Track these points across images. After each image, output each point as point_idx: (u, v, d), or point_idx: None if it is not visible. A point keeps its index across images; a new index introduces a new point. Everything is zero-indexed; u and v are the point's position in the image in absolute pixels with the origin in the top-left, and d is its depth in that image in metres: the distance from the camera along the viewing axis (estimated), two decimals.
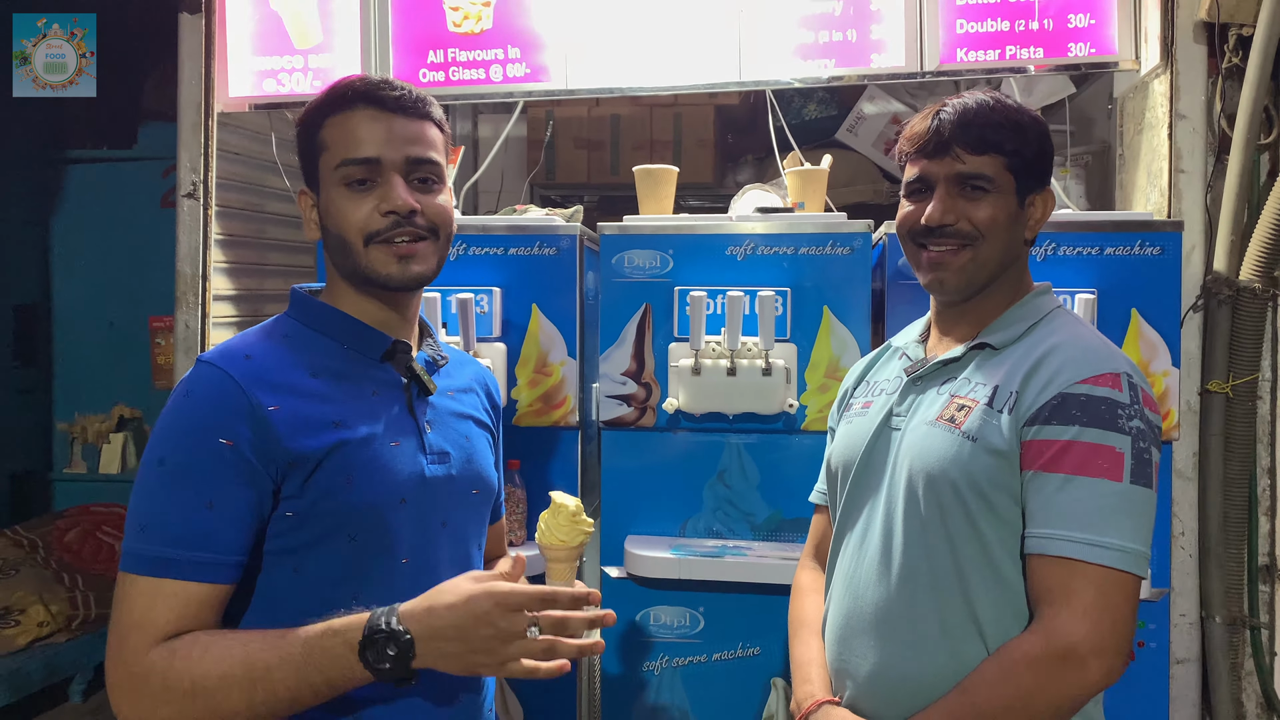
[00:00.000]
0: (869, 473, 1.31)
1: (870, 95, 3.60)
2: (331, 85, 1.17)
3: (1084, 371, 1.17)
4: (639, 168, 2.21)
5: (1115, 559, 1.10)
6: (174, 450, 1.04)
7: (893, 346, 1.45)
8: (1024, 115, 1.27)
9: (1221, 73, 2.08)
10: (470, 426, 1.27)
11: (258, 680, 1.00)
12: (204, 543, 1.03)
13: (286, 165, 2.57)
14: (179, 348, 2.44)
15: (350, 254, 1.15)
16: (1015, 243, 1.28)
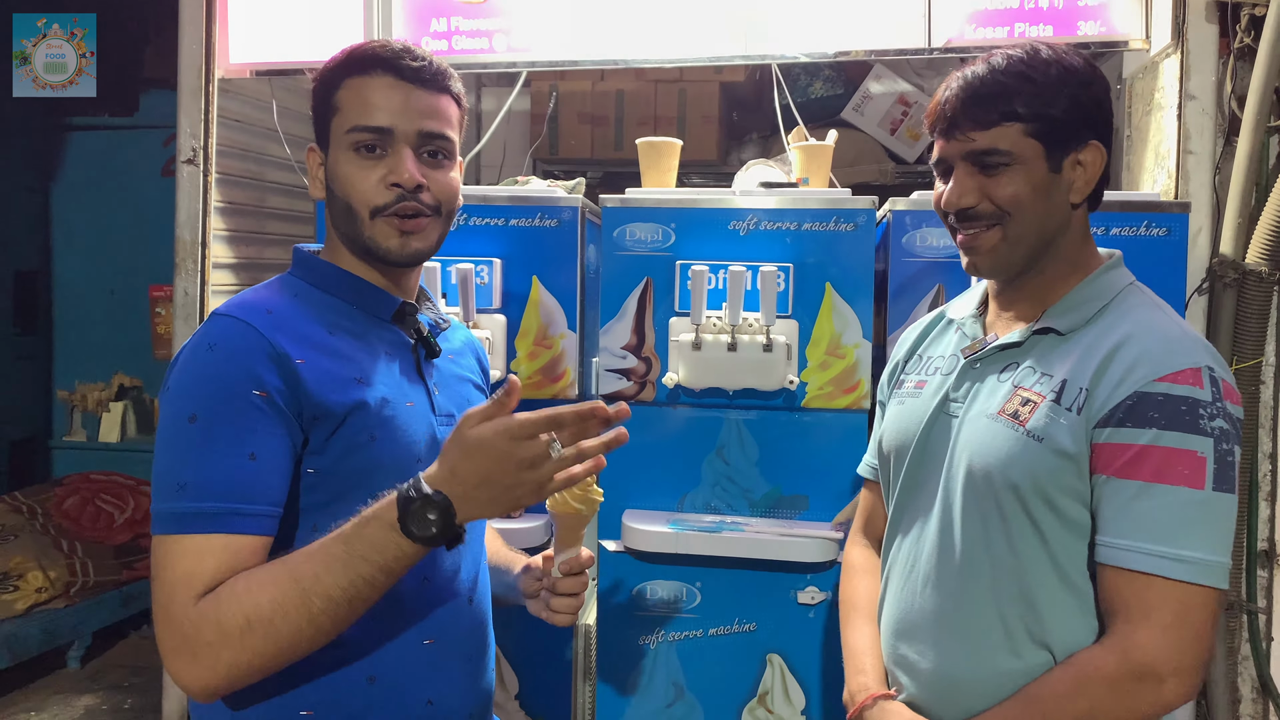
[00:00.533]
0: (925, 461, 1.25)
1: (877, 74, 3.57)
2: (353, 47, 1.15)
3: (1162, 368, 1.08)
4: (641, 140, 2.19)
5: (1196, 574, 1.04)
6: (206, 404, 1.02)
7: (946, 317, 1.36)
8: (1049, 69, 1.14)
9: (1233, 53, 2.06)
10: (470, 389, 1.30)
11: (310, 591, 0.98)
12: (251, 494, 1.01)
13: (287, 133, 2.55)
14: (178, 314, 2.43)
15: (355, 222, 1.15)
16: (1056, 211, 1.17)
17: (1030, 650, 1.14)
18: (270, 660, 0.99)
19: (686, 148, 3.66)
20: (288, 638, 0.98)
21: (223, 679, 0.99)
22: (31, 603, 3.58)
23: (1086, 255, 1.22)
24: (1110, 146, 1.20)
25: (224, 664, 0.98)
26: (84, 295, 4.64)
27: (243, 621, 0.97)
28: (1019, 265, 1.20)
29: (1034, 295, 1.22)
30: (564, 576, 1.29)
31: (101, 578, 3.83)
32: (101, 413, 4.51)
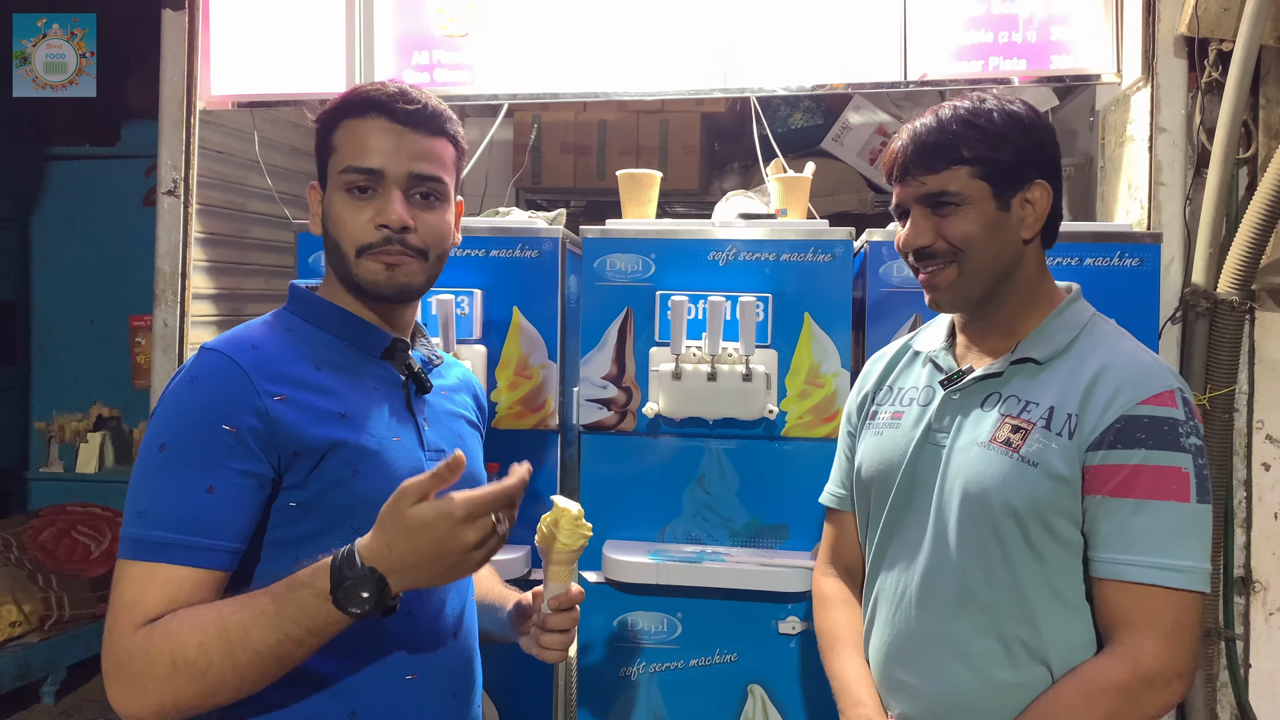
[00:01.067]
0: (914, 491, 1.29)
1: (856, 105, 3.62)
2: (352, 89, 1.19)
3: (1143, 391, 1.16)
4: (622, 172, 2.21)
5: (1190, 581, 1.12)
6: (176, 435, 1.04)
7: (913, 350, 1.41)
8: (991, 116, 1.23)
9: (1201, 87, 2.10)
10: (463, 425, 1.31)
11: (236, 644, 0.98)
12: (202, 528, 1.02)
13: (269, 164, 2.56)
14: (157, 346, 2.42)
15: (343, 260, 1.17)
16: (1007, 247, 1.24)
17: (1028, 665, 1.19)
18: (197, 700, 0.99)
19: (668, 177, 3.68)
20: (212, 683, 0.99)
21: (150, 712, 0.99)
22: (5, 637, 3.53)
23: (1046, 289, 1.30)
24: (1058, 185, 1.27)
25: (151, 698, 0.99)
26: (63, 325, 4.60)
27: (169, 661, 0.98)
28: (977, 298, 1.27)
29: (1001, 328, 1.29)
30: (553, 613, 1.29)
31: (78, 611, 3.78)
32: (79, 443, 4.47)
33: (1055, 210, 1.28)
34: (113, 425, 4.53)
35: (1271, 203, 1.95)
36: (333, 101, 1.19)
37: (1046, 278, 1.30)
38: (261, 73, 2.43)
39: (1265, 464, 2.08)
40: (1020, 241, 1.25)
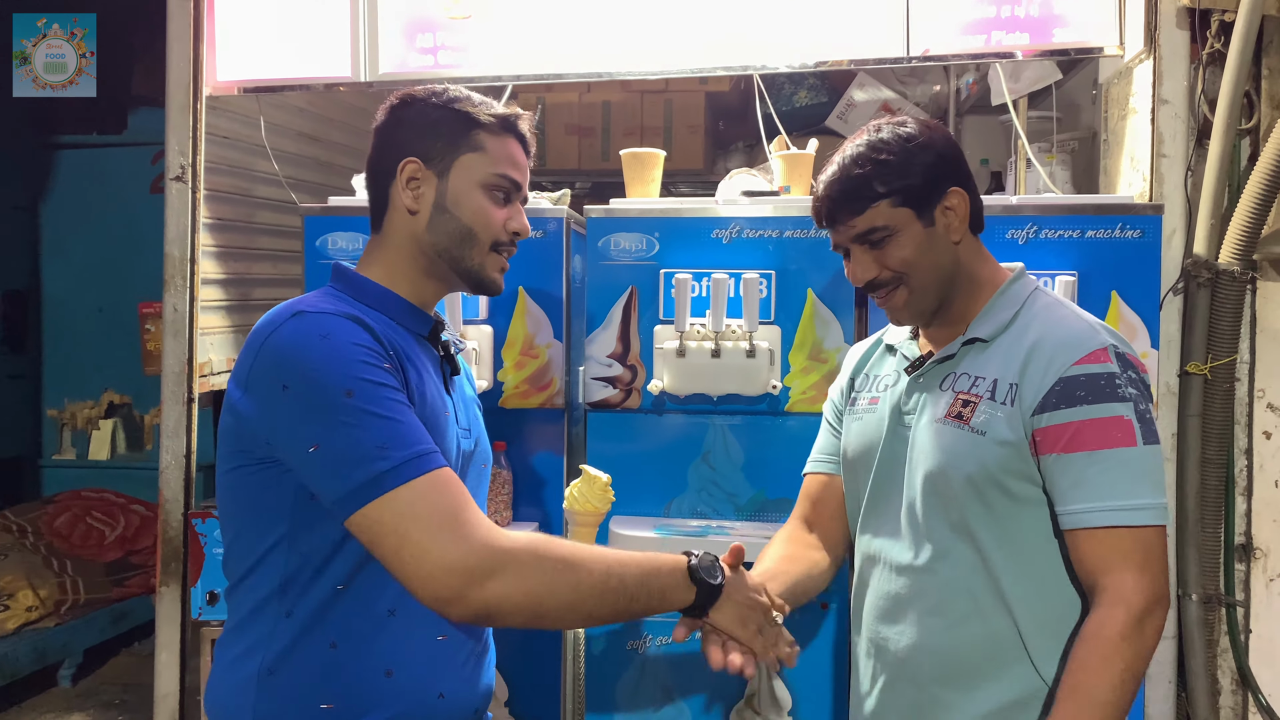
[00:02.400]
0: (890, 468, 1.40)
1: (860, 82, 3.61)
2: (496, 104, 1.30)
3: (1075, 353, 1.26)
4: (625, 151, 2.22)
5: (1150, 516, 1.21)
6: (355, 379, 1.09)
7: (884, 343, 1.52)
8: (890, 146, 1.32)
9: (1203, 58, 2.10)
10: (475, 406, 1.40)
11: (614, 567, 1.13)
12: (427, 437, 1.12)
13: (276, 150, 2.57)
14: (167, 331, 2.45)
15: (471, 247, 1.26)
16: (943, 255, 1.34)
17: (997, 620, 1.30)
18: (558, 606, 1.12)
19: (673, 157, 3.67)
20: (580, 595, 1.12)
21: (511, 605, 1.09)
22: (22, 621, 3.58)
23: (989, 272, 1.40)
24: (969, 182, 1.36)
25: (526, 587, 1.09)
26: (73, 313, 4.64)
27: (563, 559, 1.11)
28: (933, 306, 1.38)
29: (954, 315, 1.39)
30: None
31: (93, 595, 3.83)
32: (91, 430, 4.51)
33: (977, 202, 1.37)
34: (124, 412, 4.58)
35: (1273, 173, 1.95)
36: (474, 97, 1.29)
37: (986, 262, 1.40)
38: (267, 58, 2.44)
39: (1266, 432, 2.09)
40: (952, 245, 1.35)
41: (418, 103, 1.28)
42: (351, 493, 1.07)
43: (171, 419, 2.43)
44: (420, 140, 1.26)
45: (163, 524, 2.44)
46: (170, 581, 2.43)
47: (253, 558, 1.17)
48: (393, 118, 1.29)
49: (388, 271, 1.28)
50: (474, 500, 1.13)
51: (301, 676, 1.14)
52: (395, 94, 1.31)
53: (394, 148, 1.27)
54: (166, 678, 2.45)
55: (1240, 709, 2.09)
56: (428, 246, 1.27)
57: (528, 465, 2.14)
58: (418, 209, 1.26)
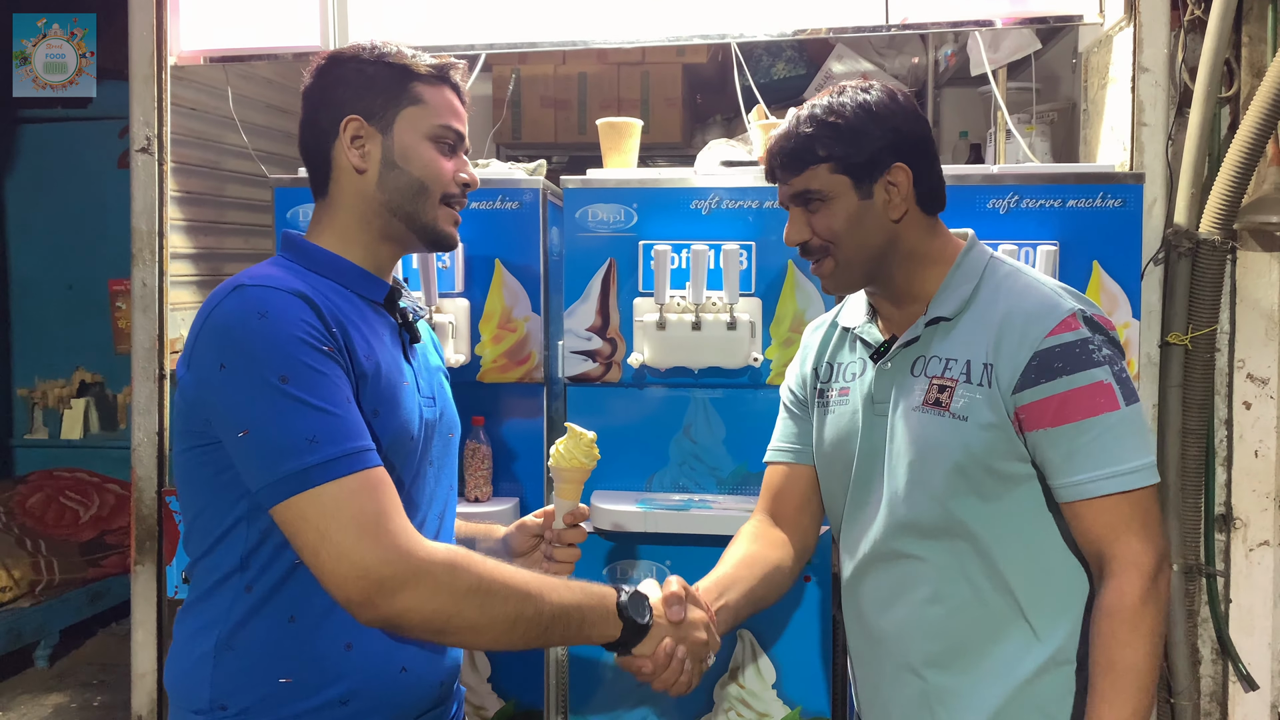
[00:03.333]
0: (871, 461, 1.36)
1: (839, 54, 3.57)
2: (424, 53, 1.26)
3: (1046, 323, 1.24)
4: (602, 121, 2.18)
5: (1143, 478, 1.21)
6: (289, 365, 1.06)
7: (840, 326, 1.47)
8: (844, 111, 1.29)
9: (1184, 25, 2.08)
10: (439, 374, 1.36)
11: (531, 597, 1.10)
12: (365, 432, 1.09)
13: (244, 121, 2.51)
14: (136, 306, 2.40)
15: (423, 200, 1.23)
16: (876, 232, 1.31)
17: (995, 595, 1.28)
18: (464, 628, 1.09)
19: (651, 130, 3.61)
20: (488, 618, 1.08)
21: (419, 617, 1.06)
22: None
23: (938, 248, 1.35)
24: (924, 160, 1.31)
25: (435, 605, 1.06)
26: (42, 291, 4.55)
27: (474, 582, 1.08)
28: (860, 281, 1.36)
29: (908, 293, 1.35)
30: (567, 528, 1.42)
31: (68, 575, 3.79)
32: (63, 409, 4.44)
33: (930, 182, 1.33)
34: (96, 391, 4.51)
35: (1253, 142, 1.94)
36: (404, 50, 1.25)
37: (937, 238, 1.36)
38: (233, 27, 2.38)
39: (1246, 402, 2.09)
40: (890, 223, 1.31)
41: (350, 60, 1.24)
42: (277, 483, 1.04)
43: (143, 396, 2.39)
44: (359, 98, 1.22)
45: (136, 502, 2.40)
46: (145, 560, 2.40)
47: (213, 536, 1.15)
48: (325, 78, 1.25)
49: (339, 238, 1.24)
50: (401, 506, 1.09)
51: (259, 650, 1.12)
52: (320, 54, 1.27)
53: (331, 108, 1.23)
54: (143, 657, 2.42)
55: (1221, 678, 2.11)
56: (380, 205, 1.23)
57: (507, 440, 2.12)
58: (365, 167, 1.22)
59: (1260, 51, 2.07)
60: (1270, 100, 1.91)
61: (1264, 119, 1.93)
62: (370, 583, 1.03)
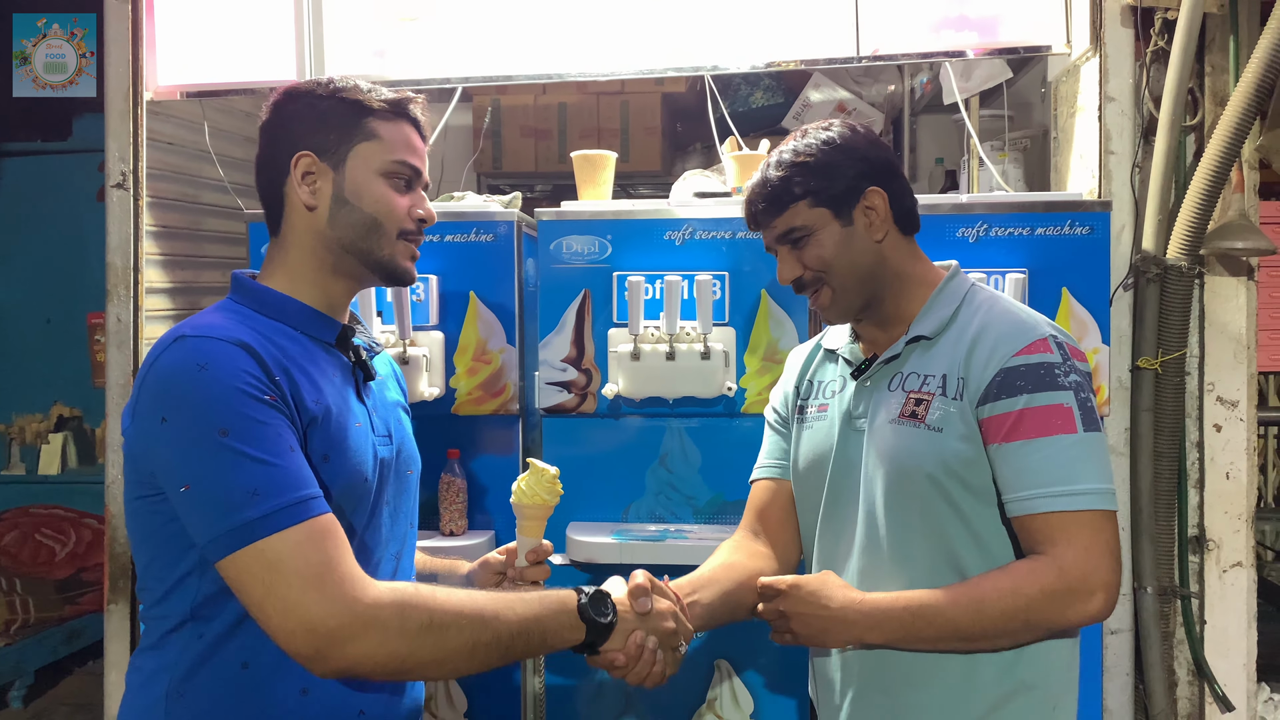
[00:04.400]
0: (845, 474, 1.39)
1: (816, 83, 3.61)
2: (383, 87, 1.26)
3: (1016, 344, 1.27)
4: (576, 153, 2.20)
5: (1094, 501, 1.22)
6: (230, 417, 1.05)
7: (824, 349, 1.52)
8: (810, 148, 1.35)
9: (1148, 56, 2.12)
10: (398, 410, 1.35)
11: (488, 621, 1.09)
12: (309, 480, 1.08)
13: (221, 155, 2.52)
14: (111, 342, 2.39)
15: (377, 237, 1.22)
16: (864, 254, 1.36)
17: None
18: (421, 665, 1.08)
19: (631, 159, 3.62)
20: (447, 651, 1.08)
21: (372, 664, 1.05)
22: None
23: (921, 272, 1.40)
24: (894, 183, 1.37)
25: (387, 651, 1.04)
26: (20, 324, 4.51)
27: (425, 620, 1.06)
28: (858, 306, 1.39)
29: (891, 315, 1.40)
30: (529, 565, 1.40)
31: (43, 614, 3.74)
32: (41, 445, 4.40)
33: (903, 202, 1.38)
34: (74, 425, 4.46)
35: (1218, 169, 1.97)
36: (359, 85, 1.25)
37: (919, 262, 1.41)
38: (210, 62, 2.39)
39: (1217, 425, 2.11)
40: (873, 244, 1.36)
41: (304, 95, 1.24)
42: (220, 537, 1.03)
43: (117, 432, 2.37)
44: (312, 133, 1.21)
45: (109, 540, 2.38)
46: (118, 599, 2.37)
47: (165, 585, 1.13)
48: (280, 114, 1.25)
49: (290, 277, 1.23)
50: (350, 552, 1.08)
51: (211, 698, 1.11)
52: (278, 89, 1.27)
53: (284, 144, 1.22)
54: (117, 697, 2.37)
55: (1197, 700, 2.11)
56: (332, 242, 1.22)
57: (482, 472, 2.11)
58: (316, 204, 1.21)
59: (1223, 81, 2.11)
60: (1233, 128, 1.95)
61: (1227, 147, 1.96)
62: (318, 636, 1.02)
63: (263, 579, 1.02)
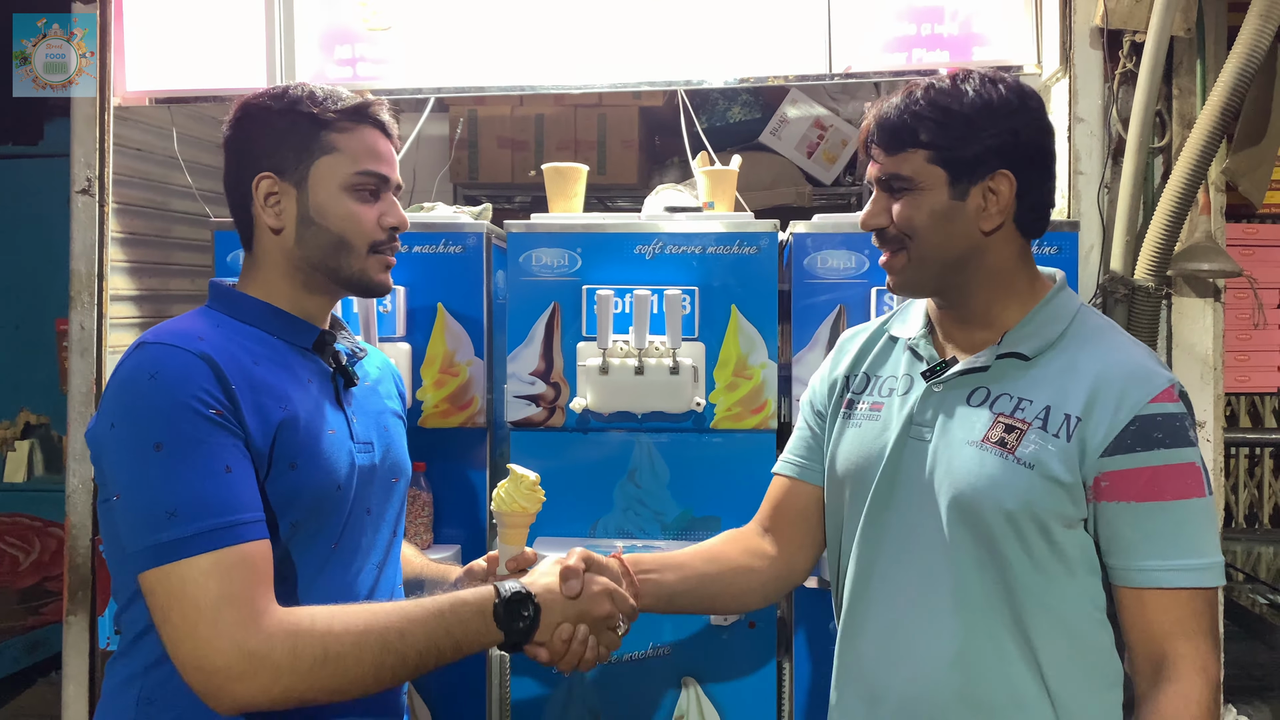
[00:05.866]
0: (898, 488, 1.25)
1: (793, 99, 3.63)
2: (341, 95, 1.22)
3: (1149, 389, 1.13)
4: (547, 166, 2.19)
5: (1215, 577, 1.12)
6: (168, 431, 1.03)
7: (890, 334, 1.36)
8: (962, 99, 1.17)
9: (1116, 78, 2.13)
10: (388, 416, 1.33)
11: (390, 643, 1.06)
12: (240, 504, 1.04)
13: (191, 162, 2.50)
14: (74, 350, 2.36)
15: (347, 254, 1.20)
16: (960, 237, 1.19)
17: (1019, 664, 1.17)
18: (327, 694, 1.05)
19: (607, 172, 3.61)
20: (353, 679, 1.05)
21: (273, 700, 1.02)
22: None
23: (1027, 280, 1.24)
24: (1036, 174, 1.21)
25: (284, 686, 1.02)
26: None
27: (319, 654, 1.03)
28: (930, 286, 1.25)
29: (979, 318, 1.24)
30: (510, 574, 1.37)
31: (6, 623, 3.68)
32: (6, 452, 4.33)
33: (1037, 199, 1.22)
34: (41, 432, 4.40)
35: (1184, 191, 1.99)
36: (312, 95, 1.21)
37: (1028, 268, 1.25)
38: (179, 68, 2.37)
39: None
40: (979, 232, 1.19)
41: (258, 111, 1.22)
42: (138, 553, 1.02)
43: (78, 442, 2.34)
44: (270, 153, 1.20)
45: (69, 550, 2.34)
46: (77, 610, 2.33)
47: (131, 588, 1.12)
48: (239, 131, 1.23)
49: (266, 289, 1.23)
50: (261, 585, 1.04)
51: (179, 705, 1.09)
52: (235, 103, 1.24)
53: (247, 164, 1.21)
54: (75, 710, 2.35)
55: None
56: (301, 262, 1.21)
57: (449, 486, 2.09)
58: (282, 225, 1.20)
59: (1190, 103, 2.13)
60: (1199, 150, 1.96)
61: (1194, 169, 1.97)
62: (205, 675, 1.01)
63: (162, 604, 1.01)
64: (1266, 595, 2.37)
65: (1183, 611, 1.11)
